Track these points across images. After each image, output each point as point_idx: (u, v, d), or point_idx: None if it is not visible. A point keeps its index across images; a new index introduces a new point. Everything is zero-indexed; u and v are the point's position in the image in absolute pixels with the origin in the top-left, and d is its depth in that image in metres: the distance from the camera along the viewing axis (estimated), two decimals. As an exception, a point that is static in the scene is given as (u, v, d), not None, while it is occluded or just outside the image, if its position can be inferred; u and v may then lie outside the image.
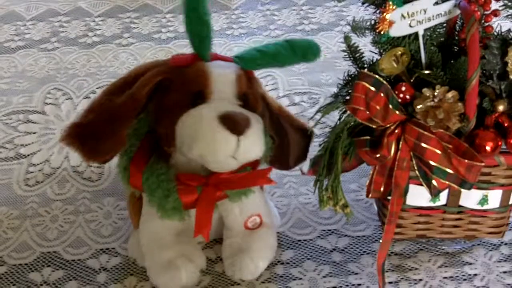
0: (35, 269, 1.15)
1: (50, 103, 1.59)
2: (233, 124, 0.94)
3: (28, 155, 1.42)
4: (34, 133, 1.49)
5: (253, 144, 0.97)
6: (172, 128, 0.99)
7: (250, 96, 1.03)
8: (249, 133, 0.95)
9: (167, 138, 1.01)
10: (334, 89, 1.05)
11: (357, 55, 1.03)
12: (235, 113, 0.95)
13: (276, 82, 1.63)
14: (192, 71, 1.00)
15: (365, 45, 1.03)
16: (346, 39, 1.02)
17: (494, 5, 0.99)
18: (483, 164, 0.93)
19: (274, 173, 1.31)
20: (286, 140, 1.09)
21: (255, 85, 1.06)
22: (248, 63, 1.03)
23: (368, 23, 1.00)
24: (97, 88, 1.63)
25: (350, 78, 1.03)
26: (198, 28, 0.98)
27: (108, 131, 0.99)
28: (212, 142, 0.95)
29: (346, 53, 1.03)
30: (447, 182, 0.96)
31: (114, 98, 1.00)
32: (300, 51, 1.01)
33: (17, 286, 1.12)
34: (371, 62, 1.02)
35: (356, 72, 1.02)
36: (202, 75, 0.99)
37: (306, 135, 1.12)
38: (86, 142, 0.99)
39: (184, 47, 1.80)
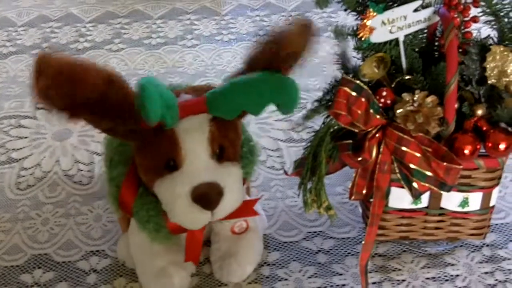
0: (26, 270, 1.16)
1: (41, 108, 1.60)
2: (206, 202, 0.94)
3: (20, 159, 1.44)
4: (26, 137, 1.51)
5: (228, 209, 0.98)
6: (151, 185, 0.99)
7: (226, 144, 0.99)
8: (223, 203, 0.95)
9: (147, 185, 1.01)
10: (319, 95, 1.06)
11: (346, 61, 1.04)
12: (206, 189, 0.93)
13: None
14: (164, 136, 0.95)
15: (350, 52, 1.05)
16: (341, 45, 1.03)
17: (473, 12, 1.01)
18: (461, 167, 0.95)
19: (261, 177, 1.35)
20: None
21: (234, 125, 1.01)
22: (220, 112, 0.95)
23: (350, 29, 1.01)
24: (88, 93, 1.65)
25: (336, 83, 1.04)
26: (159, 111, 0.88)
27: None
28: (186, 220, 0.96)
29: (337, 58, 1.04)
30: (427, 185, 0.98)
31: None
32: (278, 96, 0.93)
33: (8, 287, 1.13)
34: (354, 68, 1.03)
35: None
36: (174, 141, 0.94)
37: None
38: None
39: (174, 53, 1.82)
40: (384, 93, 0.96)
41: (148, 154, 0.97)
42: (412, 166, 0.96)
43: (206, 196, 0.93)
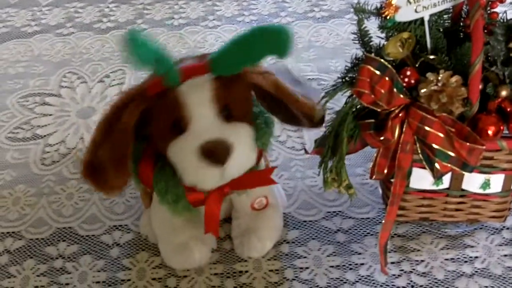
0: (51, 243, 1.19)
1: (65, 86, 1.63)
2: (214, 157, 0.93)
3: (44, 135, 1.46)
4: (50, 115, 1.53)
5: (239, 165, 0.97)
6: (165, 152, 1.00)
7: (234, 103, 0.99)
8: (232, 158, 0.95)
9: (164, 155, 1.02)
10: (341, 73, 1.06)
11: (366, 39, 1.03)
12: (214, 144, 0.94)
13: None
14: (166, 101, 0.97)
15: (375, 32, 1.05)
16: (359, 22, 1.03)
17: (500, -8, 1.00)
18: (484, 147, 0.94)
19: (281, 157, 1.35)
20: (292, 115, 1.07)
21: (239, 85, 1.01)
22: (221, 70, 0.97)
23: (374, 8, 1.01)
24: (111, 72, 1.67)
25: (357, 62, 1.04)
26: (154, 61, 0.93)
27: (113, 166, 0.99)
28: (198, 177, 0.96)
29: (356, 36, 1.04)
30: (449, 165, 0.98)
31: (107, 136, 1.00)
32: (271, 44, 0.94)
33: (34, 259, 1.16)
34: (378, 47, 1.03)
35: (363, 56, 1.03)
36: (177, 104, 0.96)
37: (312, 119, 1.07)
38: (97, 178, 1.00)
39: (196, 33, 1.84)
40: (408, 73, 0.96)
41: (156, 121, 0.99)
42: (435, 146, 0.96)
43: (214, 151, 0.93)
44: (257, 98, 1.06)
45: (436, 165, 0.99)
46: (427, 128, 0.96)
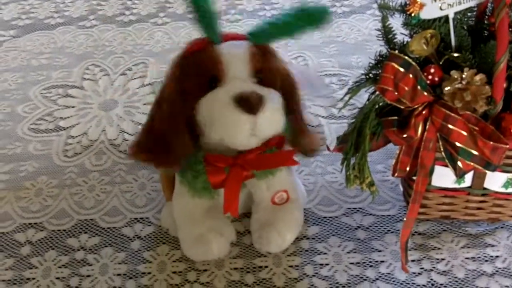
0: (72, 235, 1.20)
1: (88, 79, 1.64)
2: (247, 104, 0.95)
3: (67, 127, 1.47)
4: (73, 107, 1.54)
5: (270, 121, 0.98)
6: (193, 112, 1.01)
7: (266, 72, 1.02)
8: (264, 110, 0.96)
9: (192, 122, 1.02)
10: (364, 70, 1.06)
11: (390, 36, 1.03)
12: (248, 93, 0.96)
13: (306, 64, 1.65)
14: (204, 56, 1.00)
15: (397, 28, 1.04)
16: (383, 19, 1.03)
17: (525, -9, 1.00)
18: (507, 146, 0.94)
19: (303, 152, 1.35)
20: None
21: (272, 59, 1.05)
22: (259, 37, 1.02)
23: (398, 5, 1.01)
24: (133, 65, 1.68)
25: (381, 58, 1.04)
26: (203, 15, 0.97)
27: (171, 143, 1.02)
28: (229, 125, 0.97)
29: (380, 33, 1.04)
30: (472, 164, 0.98)
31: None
32: (309, 18, 1.00)
33: (56, 250, 1.17)
34: (401, 44, 1.03)
35: (387, 53, 1.03)
36: (214, 58, 0.99)
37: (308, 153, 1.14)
38: (155, 152, 1.03)
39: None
40: (432, 70, 0.95)
41: (191, 76, 1.01)
42: (458, 144, 0.96)
43: (249, 99, 0.95)
44: None
45: (459, 163, 0.99)
46: (450, 126, 0.96)
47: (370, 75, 1.02)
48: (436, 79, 0.96)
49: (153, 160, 1.05)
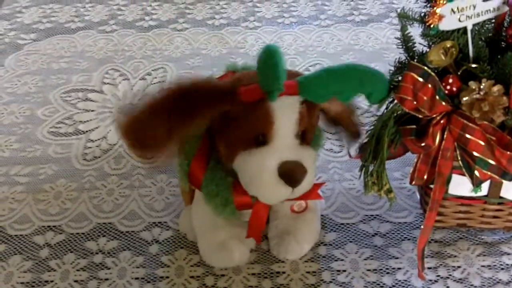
0: (91, 238, 1.21)
1: (107, 83, 1.65)
2: (291, 178, 0.97)
3: (87, 131, 1.49)
4: (93, 110, 1.56)
5: (306, 188, 1.01)
6: (231, 158, 1.01)
7: (309, 130, 1.03)
8: (304, 181, 0.98)
9: (225, 160, 1.03)
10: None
11: (409, 44, 1.04)
12: (294, 167, 0.97)
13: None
14: (258, 112, 0.97)
15: (414, 37, 1.05)
16: (403, 28, 1.04)
17: (543, 3, 1.00)
18: (525, 156, 0.95)
19: (319, 159, 1.36)
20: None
21: (315, 112, 1.04)
22: (311, 96, 0.99)
23: (417, 15, 1.02)
24: (152, 70, 1.69)
25: (400, 65, 1.05)
26: (273, 68, 0.95)
27: (164, 133, 0.97)
28: (269, 193, 0.99)
29: (399, 42, 1.05)
30: (489, 173, 0.98)
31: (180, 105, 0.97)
32: (368, 86, 0.99)
33: (74, 253, 1.18)
34: (420, 54, 1.04)
35: (406, 60, 1.04)
36: (267, 117, 0.97)
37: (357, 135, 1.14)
38: (138, 135, 0.99)
39: (236, 34, 1.85)
40: (451, 80, 0.96)
41: (239, 128, 0.99)
42: (475, 154, 0.97)
43: (293, 173, 0.97)
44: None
45: (476, 172, 1.00)
46: (468, 135, 0.96)
47: (393, 83, 1.02)
48: (454, 89, 0.96)
49: (137, 145, 1.00)
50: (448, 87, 0.96)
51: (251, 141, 0.99)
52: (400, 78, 0.98)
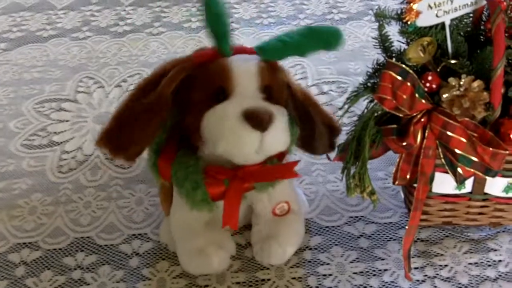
0: (69, 253, 1.18)
1: (82, 92, 1.62)
2: (257, 121, 0.94)
3: (61, 142, 1.46)
4: (67, 121, 1.53)
5: (276, 139, 0.98)
6: (198, 124, 1.00)
7: (274, 88, 1.02)
8: (272, 128, 0.95)
9: (193, 132, 1.02)
10: (362, 78, 1.05)
11: (387, 44, 1.03)
12: (258, 109, 0.95)
13: (305, 71, 1.64)
14: (213, 67, 1.00)
15: (394, 35, 1.04)
16: (380, 27, 1.03)
17: (521, -5, 0.99)
18: (507, 152, 0.94)
19: (303, 161, 1.34)
20: (313, 130, 1.08)
21: (279, 75, 1.04)
22: (270, 54, 1.02)
23: (394, 12, 1.01)
24: (128, 76, 1.66)
25: (379, 67, 1.04)
26: (216, 26, 0.98)
27: (138, 131, 1.01)
28: (236, 140, 0.96)
29: (376, 41, 1.04)
30: (472, 170, 0.97)
31: (141, 100, 1.01)
32: (323, 39, 1.00)
33: (51, 270, 1.15)
34: (399, 52, 1.03)
35: (384, 61, 1.03)
36: (224, 71, 0.98)
37: (333, 129, 1.11)
38: (114, 140, 1.02)
39: (213, 36, 1.82)
40: (430, 78, 0.95)
41: (199, 89, 1.00)
42: (457, 151, 0.96)
43: (259, 115, 0.94)
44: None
45: (459, 170, 0.99)
46: (449, 133, 0.95)
47: (368, 84, 1.01)
48: (434, 86, 0.96)
49: (113, 149, 1.02)
50: (428, 84, 0.96)
51: (213, 99, 0.99)
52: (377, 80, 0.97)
